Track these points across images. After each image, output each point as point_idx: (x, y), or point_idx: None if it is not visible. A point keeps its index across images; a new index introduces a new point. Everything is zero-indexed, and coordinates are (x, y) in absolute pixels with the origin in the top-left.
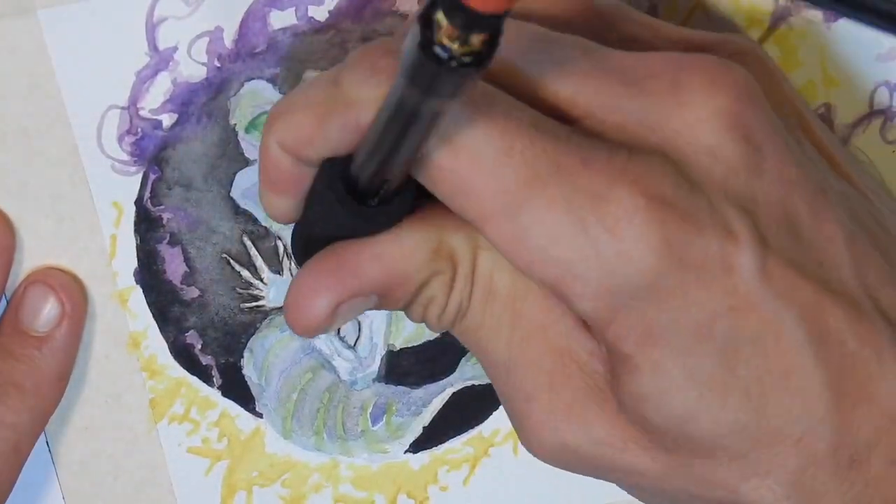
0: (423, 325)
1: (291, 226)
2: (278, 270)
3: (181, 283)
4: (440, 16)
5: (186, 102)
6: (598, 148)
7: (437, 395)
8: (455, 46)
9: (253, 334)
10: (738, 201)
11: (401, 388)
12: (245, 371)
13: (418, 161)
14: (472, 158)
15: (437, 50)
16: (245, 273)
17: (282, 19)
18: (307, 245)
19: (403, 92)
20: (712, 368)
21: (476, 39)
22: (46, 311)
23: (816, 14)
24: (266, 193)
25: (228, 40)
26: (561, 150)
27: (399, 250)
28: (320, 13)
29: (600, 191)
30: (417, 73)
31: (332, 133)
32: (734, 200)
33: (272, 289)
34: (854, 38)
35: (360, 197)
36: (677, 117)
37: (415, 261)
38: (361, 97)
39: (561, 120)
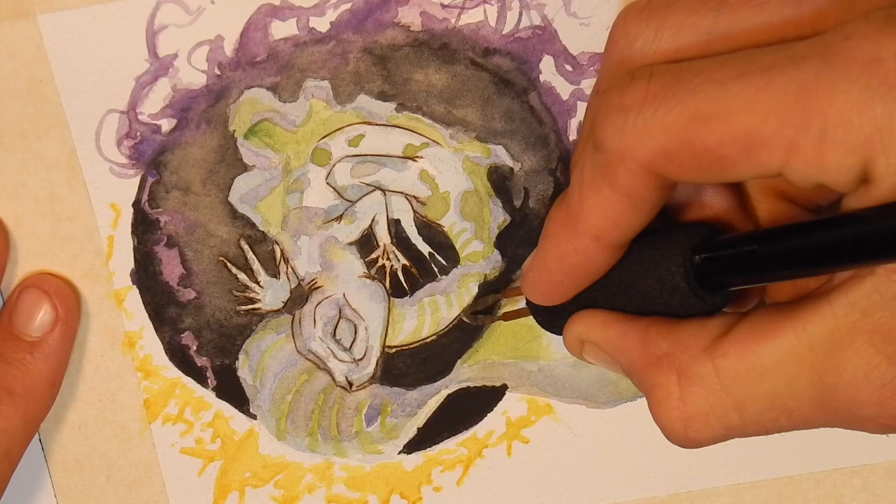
0: (419, 326)
1: (289, 230)
2: (275, 274)
3: (178, 285)
4: None
5: (186, 108)
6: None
7: (432, 397)
8: None
9: (248, 336)
10: None
11: (396, 389)
12: (240, 373)
13: None
14: None
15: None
16: (242, 276)
17: (283, 29)
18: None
19: None
20: None
21: None
22: (40, 317)
23: None
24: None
25: (229, 49)
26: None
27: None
28: (321, 24)
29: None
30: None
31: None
32: None
33: (268, 292)
34: None
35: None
36: None
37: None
38: None
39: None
